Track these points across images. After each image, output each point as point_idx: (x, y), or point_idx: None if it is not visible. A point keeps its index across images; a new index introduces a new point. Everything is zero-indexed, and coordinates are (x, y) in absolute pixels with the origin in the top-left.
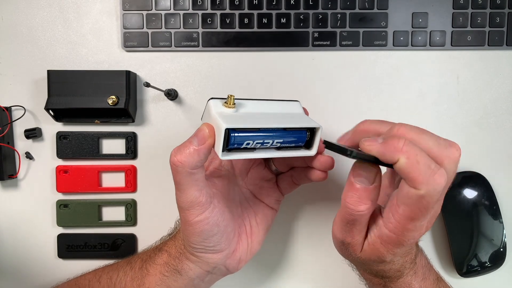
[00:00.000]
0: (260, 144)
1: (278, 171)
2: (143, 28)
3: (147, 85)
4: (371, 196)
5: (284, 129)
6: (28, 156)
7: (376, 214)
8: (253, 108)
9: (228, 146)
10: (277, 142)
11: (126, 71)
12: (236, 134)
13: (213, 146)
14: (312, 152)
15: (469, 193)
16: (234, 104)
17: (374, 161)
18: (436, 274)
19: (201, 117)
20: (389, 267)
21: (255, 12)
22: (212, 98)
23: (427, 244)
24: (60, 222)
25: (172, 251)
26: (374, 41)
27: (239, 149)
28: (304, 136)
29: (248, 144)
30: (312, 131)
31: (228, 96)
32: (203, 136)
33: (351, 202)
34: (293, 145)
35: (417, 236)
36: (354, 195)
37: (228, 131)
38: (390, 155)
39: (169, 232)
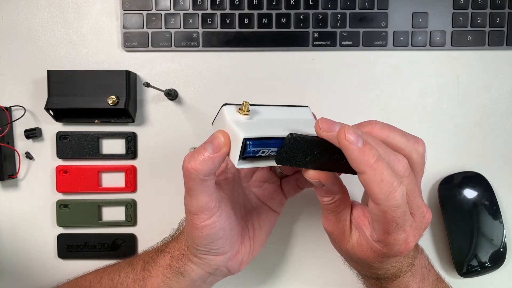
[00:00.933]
0: (274, 152)
1: (283, 174)
2: (143, 28)
3: (147, 85)
4: (330, 192)
5: None
6: (28, 156)
7: (362, 223)
8: (266, 114)
9: (244, 154)
10: None
11: (126, 71)
12: (252, 143)
13: (228, 154)
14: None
15: (469, 193)
16: (249, 111)
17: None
18: (436, 274)
19: (212, 122)
20: (383, 272)
21: (255, 12)
22: (226, 104)
23: (427, 244)
24: (60, 222)
25: (174, 253)
26: (374, 41)
27: (253, 157)
28: None
29: (263, 152)
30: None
31: (243, 103)
32: (219, 144)
33: (318, 195)
34: None
35: (402, 249)
36: (318, 192)
37: (245, 140)
38: (359, 166)
39: (171, 233)
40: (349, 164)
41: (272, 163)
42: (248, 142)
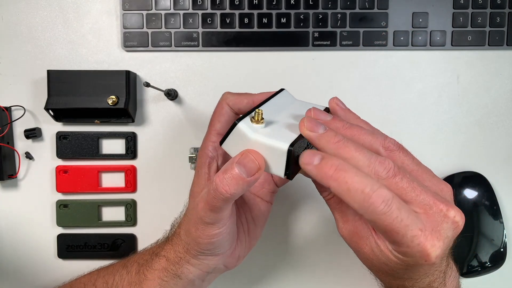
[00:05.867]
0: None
1: None
2: (143, 28)
3: (147, 85)
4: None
5: None
6: (28, 156)
7: None
8: (269, 115)
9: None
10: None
11: (126, 71)
12: (291, 148)
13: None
14: None
15: (469, 193)
16: (263, 118)
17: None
18: None
19: (220, 141)
20: (411, 284)
21: (255, 12)
22: (239, 120)
23: None
24: (60, 222)
25: (170, 256)
26: (374, 41)
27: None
28: None
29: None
30: None
31: (256, 112)
32: (253, 167)
33: (317, 189)
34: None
35: (419, 257)
36: (316, 185)
37: (290, 150)
38: (323, 181)
39: (165, 235)
40: None
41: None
42: (290, 149)
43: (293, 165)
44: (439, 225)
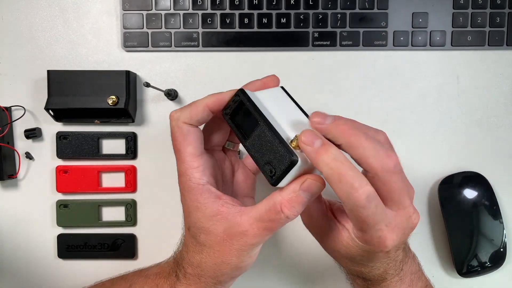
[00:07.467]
0: None
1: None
2: (143, 28)
3: (147, 85)
4: None
5: None
6: (28, 156)
7: (342, 216)
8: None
9: None
10: None
11: (126, 71)
12: None
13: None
14: None
15: (469, 193)
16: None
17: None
18: (426, 281)
19: (273, 183)
20: (368, 270)
21: (255, 12)
22: (294, 161)
23: (427, 244)
24: (60, 222)
25: None
26: (374, 41)
27: None
28: None
29: None
30: None
31: (296, 138)
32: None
33: None
34: None
35: (377, 247)
36: None
37: None
38: (318, 165)
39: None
40: None
41: None
42: None
43: None
44: (403, 224)
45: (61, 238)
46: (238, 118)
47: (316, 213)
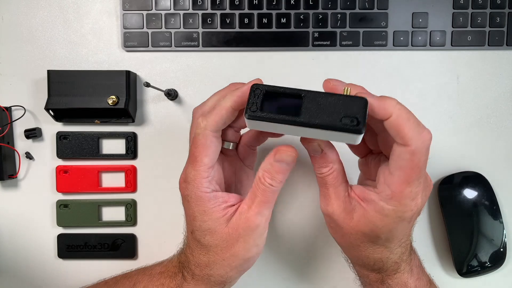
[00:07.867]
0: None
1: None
2: (143, 28)
3: (147, 85)
4: (328, 160)
5: None
6: (28, 156)
7: (366, 194)
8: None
9: None
10: None
11: (126, 71)
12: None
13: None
14: None
15: (469, 193)
16: None
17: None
18: (428, 276)
19: (360, 128)
20: (386, 256)
21: (255, 12)
22: (366, 100)
23: (427, 244)
24: (60, 222)
25: None
26: (374, 41)
27: None
28: None
29: None
30: None
31: (346, 89)
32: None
33: (315, 168)
34: None
35: (413, 206)
36: (315, 163)
37: None
38: (384, 109)
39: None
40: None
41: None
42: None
43: None
44: (427, 188)
45: (61, 238)
46: (270, 107)
47: (343, 192)
